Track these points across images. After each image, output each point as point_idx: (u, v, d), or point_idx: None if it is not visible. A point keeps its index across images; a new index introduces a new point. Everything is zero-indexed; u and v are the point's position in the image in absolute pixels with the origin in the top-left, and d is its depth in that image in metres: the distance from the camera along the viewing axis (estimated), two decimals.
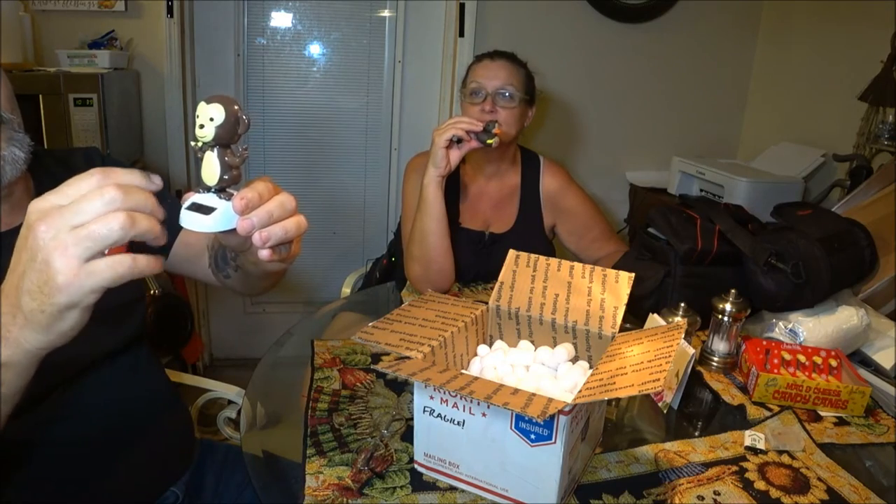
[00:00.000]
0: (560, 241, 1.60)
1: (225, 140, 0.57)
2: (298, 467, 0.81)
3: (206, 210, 0.58)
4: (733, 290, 1.11)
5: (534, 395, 0.67)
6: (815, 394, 1.00)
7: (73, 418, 0.86)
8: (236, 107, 0.57)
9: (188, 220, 0.59)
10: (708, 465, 0.86)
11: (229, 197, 0.59)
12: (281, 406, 1.00)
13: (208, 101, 0.56)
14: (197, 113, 0.57)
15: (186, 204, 0.59)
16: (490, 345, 0.96)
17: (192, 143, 0.59)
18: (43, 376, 0.80)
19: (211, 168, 0.58)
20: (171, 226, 0.94)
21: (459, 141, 1.32)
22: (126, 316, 0.94)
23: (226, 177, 0.59)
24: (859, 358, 1.19)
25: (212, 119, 0.56)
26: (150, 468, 0.96)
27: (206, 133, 0.57)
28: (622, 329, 0.87)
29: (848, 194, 1.59)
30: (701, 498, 0.79)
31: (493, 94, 1.41)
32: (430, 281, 1.38)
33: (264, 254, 0.60)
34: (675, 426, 0.98)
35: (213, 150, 0.58)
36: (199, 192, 0.60)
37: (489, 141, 1.30)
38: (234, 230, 0.58)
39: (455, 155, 1.33)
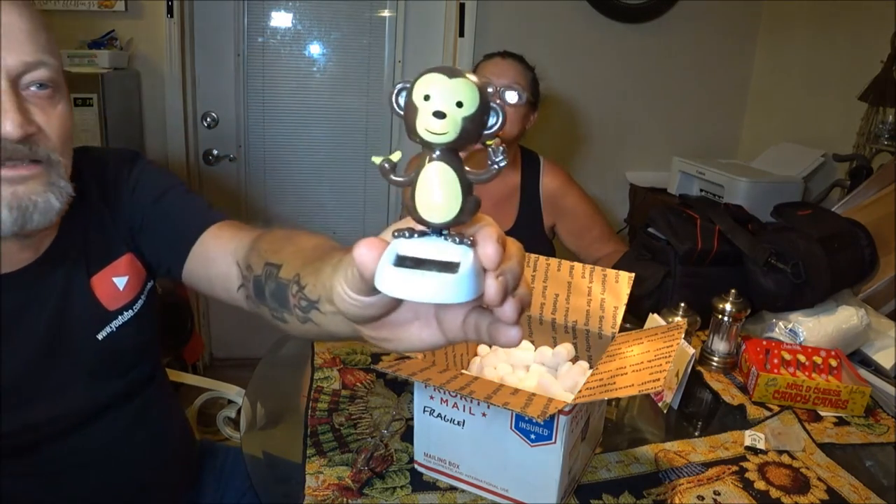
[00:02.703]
0: (560, 241, 1.60)
1: (465, 143, 0.34)
2: (298, 467, 0.81)
3: (441, 267, 0.34)
4: (733, 290, 1.11)
5: (534, 395, 0.67)
6: (815, 394, 1.00)
7: (68, 472, 0.81)
8: (490, 89, 0.35)
9: (408, 287, 0.34)
10: (708, 465, 0.86)
11: (466, 242, 0.35)
12: (281, 406, 1.00)
13: (451, 76, 0.33)
14: (426, 93, 0.33)
15: (391, 259, 0.35)
16: (490, 345, 0.96)
17: (376, 160, 0.37)
18: (37, 429, 0.77)
19: (445, 189, 0.34)
20: (185, 232, 0.83)
21: None
22: (137, 361, 0.86)
23: (467, 206, 0.35)
24: (859, 358, 1.19)
25: (460, 104, 0.33)
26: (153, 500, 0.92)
27: (448, 127, 0.33)
28: (622, 329, 0.87)
29: (848, 194, 1.59)
30: (701, 498, 0.79)
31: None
32: None
33: (513, 334, 0.37)
34: (675, 426, 0.98)
35: (444, 160, 0.35)
36: (403, 235, 0.36)
37: (489, 142, 1.29)
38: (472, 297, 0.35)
39: None
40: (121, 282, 0.81)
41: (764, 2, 2.42)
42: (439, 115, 0.33)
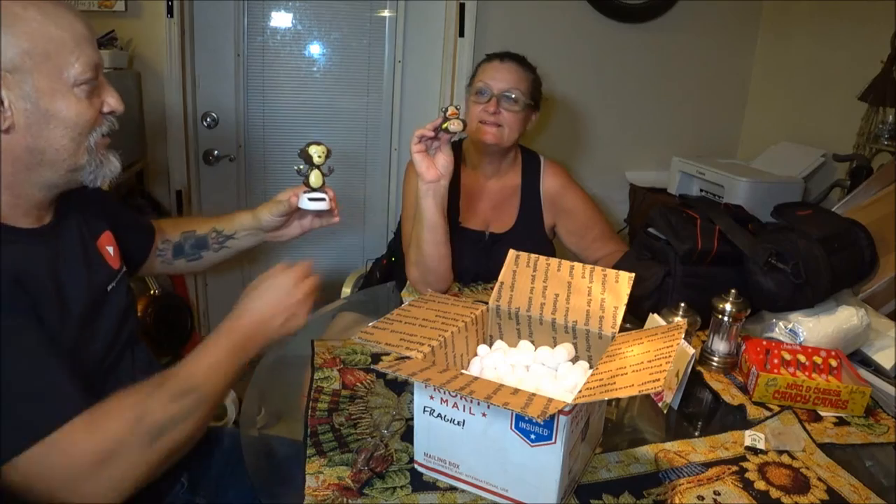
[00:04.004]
0: (560, 241, 1.60)
1: (325, 162, 1.11)
2: (298, 467, 0.81)
3: (320, 199, 1.11)
4: (733, 290, 1.11)
5: (534, 395, 0.67)
6: (815, 394, 1.01)
7: None
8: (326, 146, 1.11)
9: (311, 205, 1.11)
10: (708, 465, 0.86)
11: (324, 191, 1.12)
12: (281, 406, 1.00)
13: (318, 144, 1.10)
14: (312, 152, 1.09)
15: (304, 197, 1.11)
16: (490, 345, 0.96)
17: (297, 168, 1.11)
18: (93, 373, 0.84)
19: (319, 177, 1.11)
20: (143, 243, 1.19)
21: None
22: (128, 316, 0.95)
23: (325, 182, 1.12)
24: (859, 358, 1.19)
25: (323, 152, 1.10)
26: None
27: (321, 160, 1.10)
28: (622, 329, 0.87)
29: (848, 194, 1.59)
30: (701, 498, 0.79)
31: (498, 96, 1.42)
32: (428, 284, 1.38)
33: (336, 219, 1.18)
34: (675, 426, 0.98)
35: (319, 169, 1.10)
36: (306, 191, 1.11)
37: (444, 126, 1.24)
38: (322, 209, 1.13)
39: (441, 159, 1.26)
40: (110, 250, 0.96)
41: (764, 2, 2.42)
42: (318, 156, 1.11)
